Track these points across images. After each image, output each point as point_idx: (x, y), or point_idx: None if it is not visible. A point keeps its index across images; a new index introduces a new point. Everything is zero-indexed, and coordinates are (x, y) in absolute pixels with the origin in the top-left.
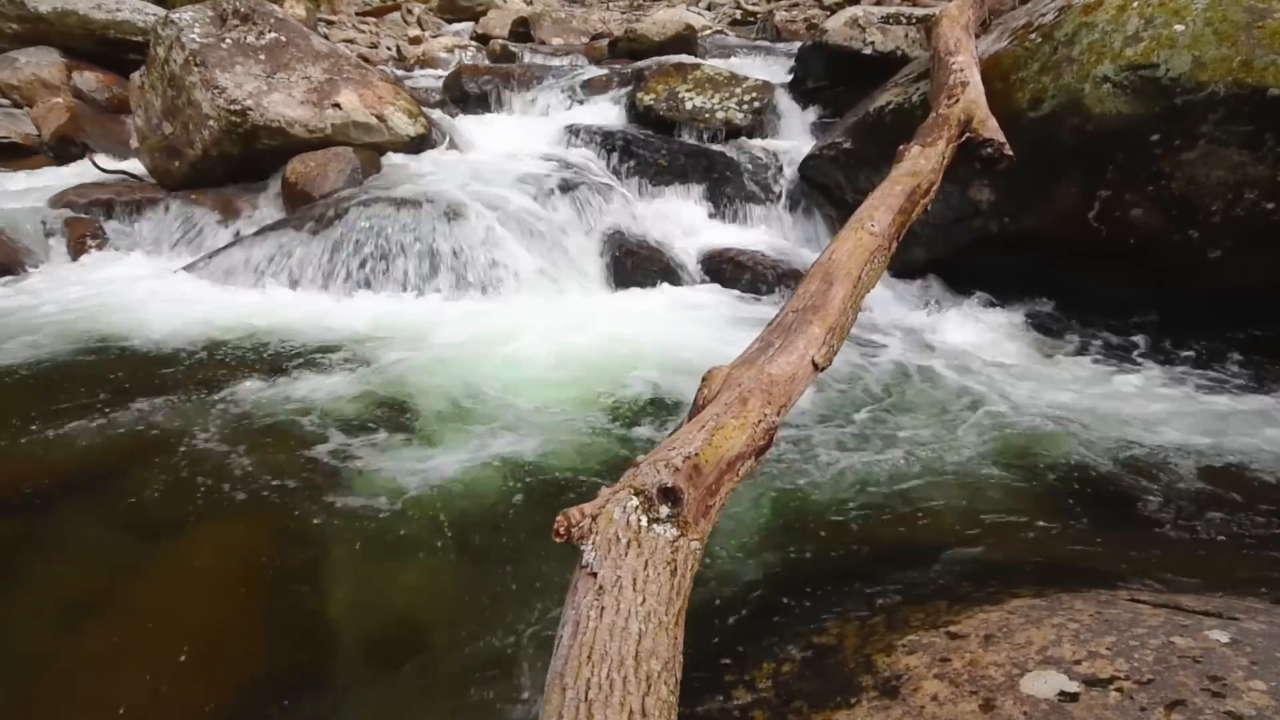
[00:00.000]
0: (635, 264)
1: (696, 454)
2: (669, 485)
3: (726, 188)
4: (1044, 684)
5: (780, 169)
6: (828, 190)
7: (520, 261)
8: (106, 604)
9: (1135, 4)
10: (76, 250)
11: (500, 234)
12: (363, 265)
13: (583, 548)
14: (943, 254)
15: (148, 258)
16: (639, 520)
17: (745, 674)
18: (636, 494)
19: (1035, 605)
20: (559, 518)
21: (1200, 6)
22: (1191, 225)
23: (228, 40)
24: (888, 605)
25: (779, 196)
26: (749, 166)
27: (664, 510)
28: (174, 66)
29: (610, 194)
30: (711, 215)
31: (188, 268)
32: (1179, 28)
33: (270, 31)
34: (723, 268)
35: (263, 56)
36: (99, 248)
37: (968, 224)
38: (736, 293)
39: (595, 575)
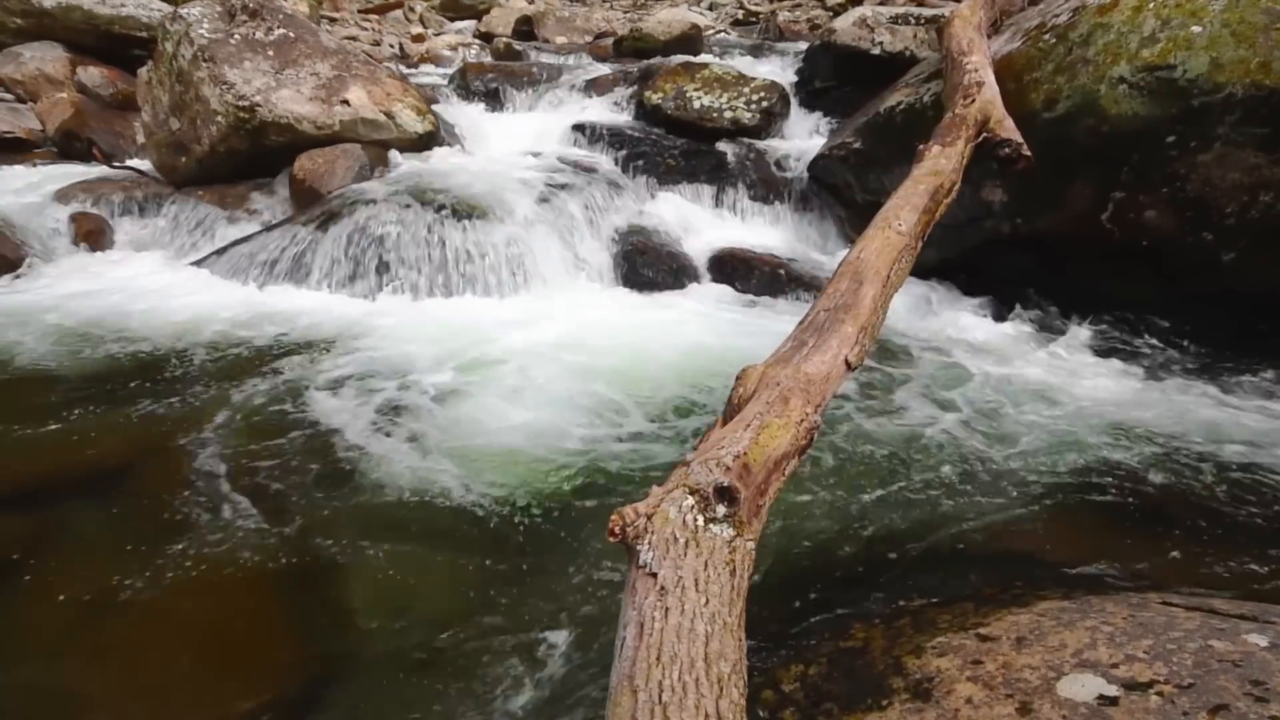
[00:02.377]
0: (645, 263)
1: (745, 453)
2: (725, 485)
3: (735, 187)
4: (1081, 687)
5: (788, 169)
6: (837, 190)
7: (529, 259)
8: (123, 600)
9: (1151, 5)
10: (83, 246)
11: (509, 232)
12: (370, 263)
13: (639, 547)
14: (954, 255)
15: (155, 254)
16: (695, 520)
17: (772, 675)
18: (691, 493)
19: (1065, 608)
20: (614, 517)
21: (1218, 8)
22: (1206, 227)
23: (236, 36)
24: (912, 607)
25: (788, 196)
26: (757, 166)
27: (720, 510)
28: (182, 62)
29: (619, 193)
30: (720, 214)
31: (195, 264)
32: (1196, 29)
33: (279, 28)
34: (733, 267)
35: (271, 53)
36: (106, 243)
37: (979, 225)
38: (746, 292)
39: (655, 576)
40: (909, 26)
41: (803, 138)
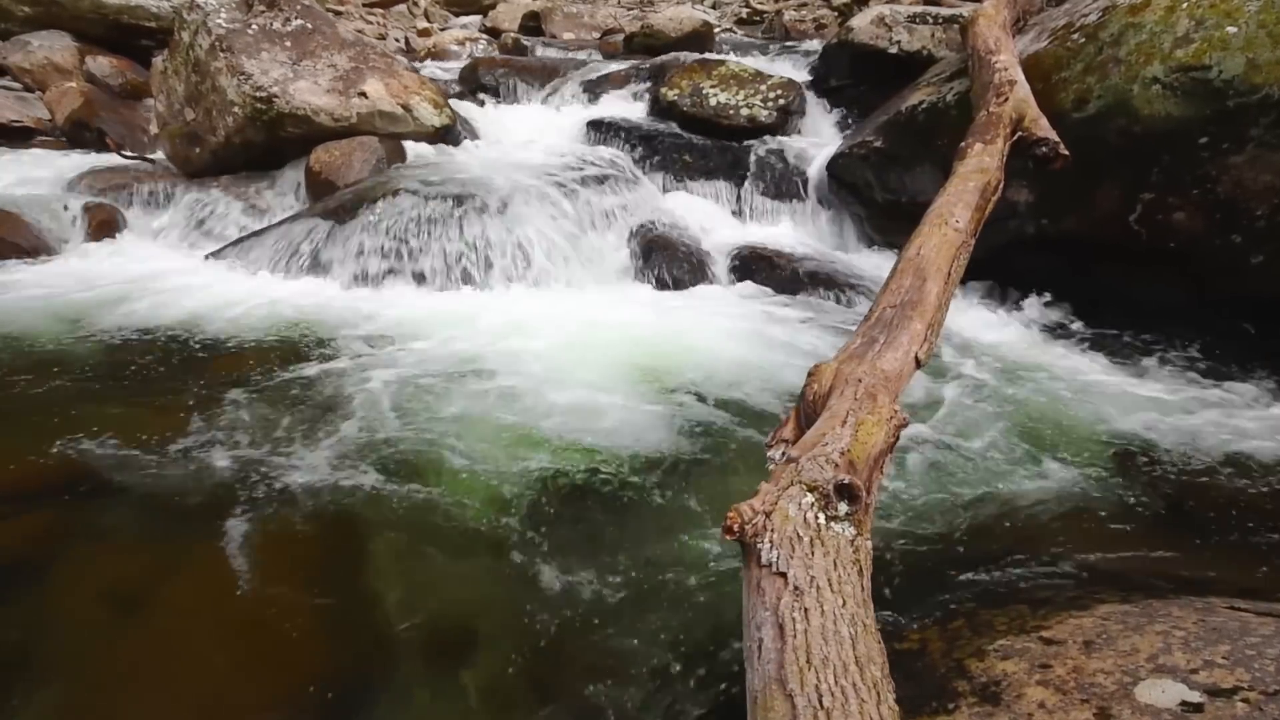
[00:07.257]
0: (664, 259)
1: (849, 450)
2: (847, 481)
3: (752, 185)
4: (1162, 693)
5: (806, 167)
6: (856, 189)
7: (548, 255)
8: (152, 597)
9: (1185, 5)
10: (96, 235)
11: (528, 228)
12: (388, 256)
13: (759, 545)
14: (978, 255)
15: (168, 244)
16: (817, 518)
17: None
18: (810, 490)
19: (1129, 612)
20: (730, 513)
21: (1254, 9)
22: (1235, 230)
23: (254, 26)
24: (965, 609)
25: (805, 194)
26: (774, 164)
27: (842, 508)
28: (199, 51)
29: (636, 189)
30: (738, 212)
31: (211, 255)
32: (1232, 29)
33: (296, 18)
34: (752, 265)
35: (289, 43)
36: (119, 233)
37: (1004, 225)
38: (767, 290)
39: (784, 576)
40: (927, 26)
41: (819, 136)
